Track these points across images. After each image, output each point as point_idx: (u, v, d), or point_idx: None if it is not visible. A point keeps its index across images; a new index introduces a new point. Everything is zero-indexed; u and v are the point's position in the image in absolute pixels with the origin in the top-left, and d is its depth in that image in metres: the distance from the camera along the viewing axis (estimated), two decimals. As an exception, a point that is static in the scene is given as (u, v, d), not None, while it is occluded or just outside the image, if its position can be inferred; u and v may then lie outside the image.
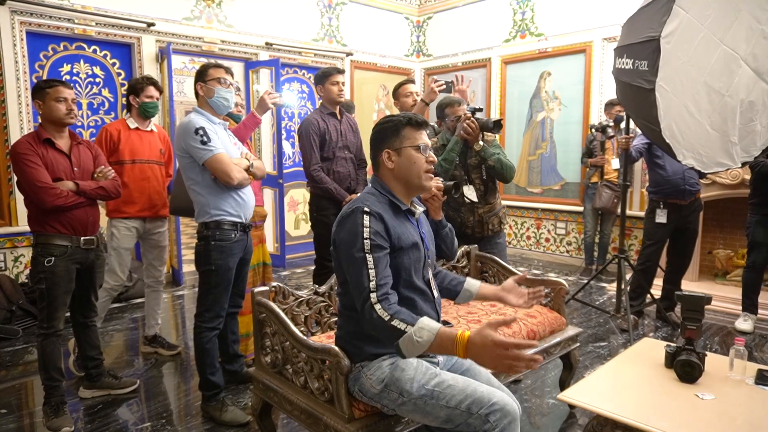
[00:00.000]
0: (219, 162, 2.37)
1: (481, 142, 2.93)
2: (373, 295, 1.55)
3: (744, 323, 3.72)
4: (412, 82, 3.73)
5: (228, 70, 2.56)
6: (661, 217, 3.75)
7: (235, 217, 2.48)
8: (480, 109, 2.93)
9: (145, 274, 3.38)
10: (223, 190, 2.44)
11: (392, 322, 1.52)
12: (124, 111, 3.22)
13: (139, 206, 3.14)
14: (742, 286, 3.78)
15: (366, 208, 1.63)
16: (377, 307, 1.54)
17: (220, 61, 2.63)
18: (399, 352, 1.53)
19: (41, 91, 2.46)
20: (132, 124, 3.22)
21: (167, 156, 3.43)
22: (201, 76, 2.52)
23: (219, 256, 2.45)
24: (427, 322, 1.51)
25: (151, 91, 3.20)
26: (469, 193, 2.97)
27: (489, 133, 2.97)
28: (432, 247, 1.89)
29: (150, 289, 3.38)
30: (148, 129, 3.30)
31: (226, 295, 2.53)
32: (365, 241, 1.59)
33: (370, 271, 1.57)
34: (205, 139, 2.35)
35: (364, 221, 1.61)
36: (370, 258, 1.58)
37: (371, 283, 1.56)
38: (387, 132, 1.73)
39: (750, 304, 3.75)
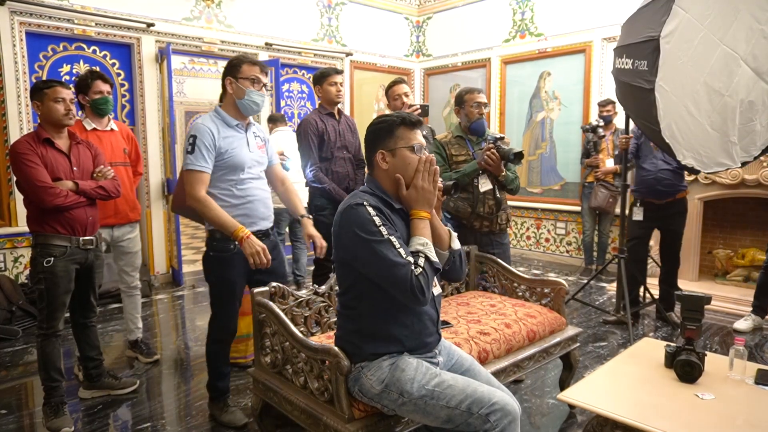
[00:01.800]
0: (189, 176, 2.23)
1: (504, 172, 2.93)
2: (415, 269, 1.55)
3: (743, 323, 3.72)
4: (403, 81, 3.64)
5: (263, 69, 2.33)
6: (637, 215, 3.83)
7: None
8: (502, 138, 2.90)
9: (119, 280, 3.30)
10: (226, 196, 2.30)
11: (416, 269, 1.56)
12: (80, 112, 3.00)
13: (102, 214, 2.84)
14: (756, 286, 3.75)
15: (364, 202, 1.62)
16: (417, 271, 1.55)
17: (255, 59, 2.37)
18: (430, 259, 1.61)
19: (39, 92, 2.46)
20: (89, 125, 2.98)
21: (134, 155, 3.25)
22: (232, 70, 2.30)
23: (218, 268, 2.34)
24: (413, 241, 1.65)
25: (100, 85, 2.95)
26: (484, 183, 2.97)
27: (507, 137, 3.02)
28: None
29: (125, 294, 3.28)
30: (108, 128, 3.08)
31: (232, 307, 2.42)
32: (381, 228, 1.58)
33: (399, 249, 1.57)
34: (190, 148, 2.23)
35: (370, 212, 1.60)
36: (393, 239, 1.58)
37: (408, 257, 1.57)
38: (381, 132, 1.72)
39: (758, 306, 3.72)
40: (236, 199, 2.32)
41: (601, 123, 5.15)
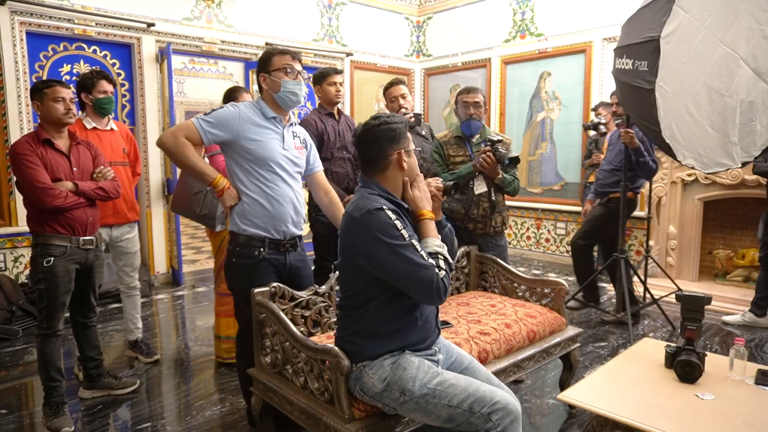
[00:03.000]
0: (186, 123, 2.09)
1: (501, 175, 2.93)
2: (439, 271, 1.59)
3: (732, 317, 3.80)
4: (401, 82, 3.62)
5: (295, 56, 2.19)
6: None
7: (261, 230, 2.15)
8: (500, 141, 2.88)
9: (118, 281, 3.28)
10: (255, 194, 2.15)
11: (440, 271, 1.60)
12: (80, 111, 3.00)
13: (101, 213, 2.79)
14: (756, 284, 3.82)
15: (383, 207, 1.62)
16: (441, 274, 1.60)
17: (285, 47, 2.31)
18: (448, 260, 1.68)
19: (39, 91, 2.46)
20: (89, 124, 2.99)
21: (132, 155, 3.25)
22: (263, 65, 2.18)
23: (242, 277, 2.17)
24: (428, 243, 1.69)
25: (104, 85, 2.97)
26: (479, 185, 2.96)
27: (508, 137, 3.05)
28: None
29: (125, 294, 3.27)
30: (108, 128, 3.08)
31: None
32: (402, 231, 1.60)
33: (421, 252, 1.60)
34: (210, 112, 2.13)
35: (390, 216, 1.61)
36: (414, 242, 1.60)
37: (429, 260, 1.60)
38: (399, 133, 1.73)
39: (755, 303, 3.76)
40: (264, 198, 2.15)
41: (603, 121, 5.15)
